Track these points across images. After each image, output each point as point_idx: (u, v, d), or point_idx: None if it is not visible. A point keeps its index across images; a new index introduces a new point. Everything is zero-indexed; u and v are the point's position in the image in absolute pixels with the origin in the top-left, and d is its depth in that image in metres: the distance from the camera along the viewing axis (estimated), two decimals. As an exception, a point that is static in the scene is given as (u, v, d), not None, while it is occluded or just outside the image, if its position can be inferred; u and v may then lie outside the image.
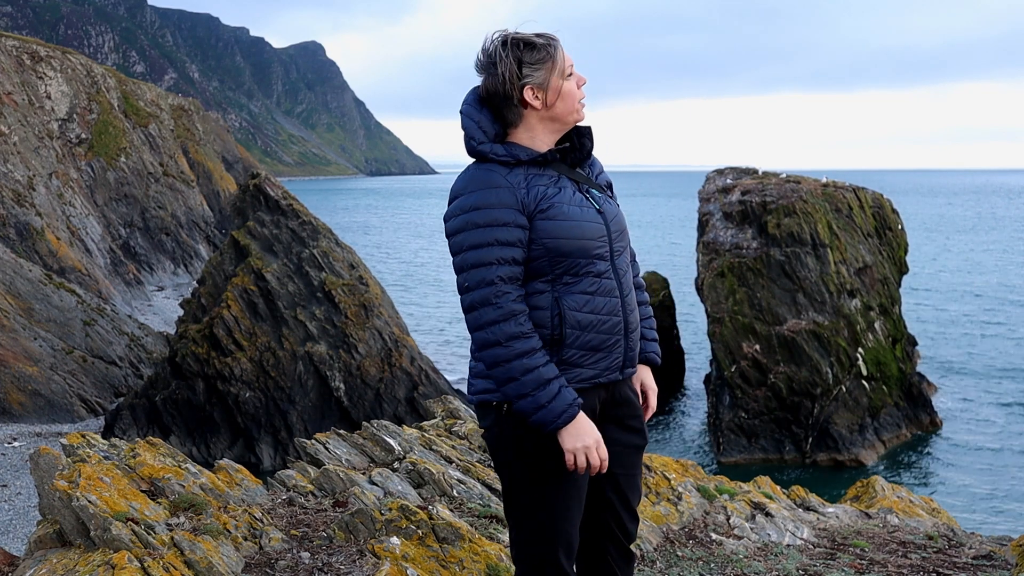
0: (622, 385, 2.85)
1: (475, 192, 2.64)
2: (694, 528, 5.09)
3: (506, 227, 2.61)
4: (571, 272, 2.67)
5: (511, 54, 2.66)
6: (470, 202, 2.63)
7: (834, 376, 29.15)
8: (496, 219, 2.61)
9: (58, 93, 49.72)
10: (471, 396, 2.80)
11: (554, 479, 2.70)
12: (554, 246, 2.64)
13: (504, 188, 2.63)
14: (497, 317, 2.59)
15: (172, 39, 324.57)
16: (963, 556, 4.96)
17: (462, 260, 2.63)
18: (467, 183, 2.68)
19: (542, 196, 2.66)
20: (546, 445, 2.67)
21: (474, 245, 2.61)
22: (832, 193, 32.14)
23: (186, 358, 28.40)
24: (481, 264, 2.60)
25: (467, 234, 2.62)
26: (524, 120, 2.72)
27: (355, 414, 27.78)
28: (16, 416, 28.22)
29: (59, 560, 3.67)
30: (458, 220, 2.65)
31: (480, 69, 2.71)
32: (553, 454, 2.67)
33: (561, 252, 2.64)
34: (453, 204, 2.69)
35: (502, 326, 2.59)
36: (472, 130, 2.72)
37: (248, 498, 4.48)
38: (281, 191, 31.43)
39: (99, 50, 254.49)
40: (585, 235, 2.67)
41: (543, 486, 2.71)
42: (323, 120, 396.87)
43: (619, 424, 2.85)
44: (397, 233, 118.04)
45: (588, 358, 2.70)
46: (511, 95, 2.68)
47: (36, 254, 38.73)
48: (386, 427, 5.37)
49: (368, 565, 3.73)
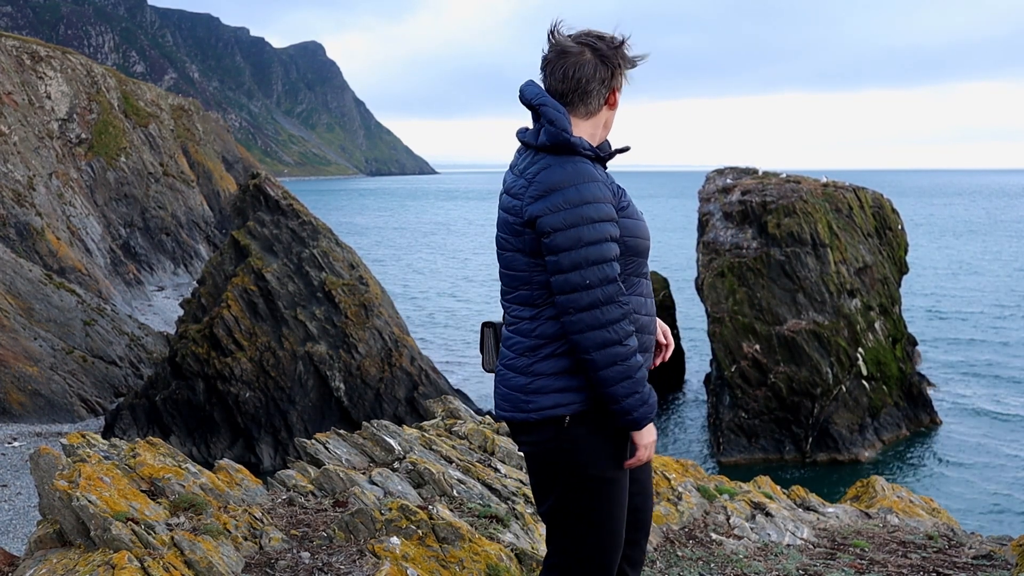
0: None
1: (582, 186, 2.58)
2: (694, 528, 5.09)
3: (613, 223, 2.60)
4: (635, 272, 2.72)
5: (621, 55, 2.70)
6: (581, 196, 2.57)
7: (834, 376, 29.14)
8: (607, 215, 2.59)
9: (58, 93, 49.72)
10: (530, 414, 2.70)
11: (615, 487, 2.72)
12: (633, 244, 2.67)
13: (602, 183, 2.63)
14: (620, 315, 2.57)
15: (172, 39, 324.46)
16: (963, 556, 4.96)
17: (579, 256, 2.55)
18: (569, 176, 2.60)
19: (621, 193, 2.70)
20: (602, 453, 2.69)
21: (592, 241, 2.55)
22: (832, 193, 32.14)
23: (186, 358, 28.40)
24: (603, 261, 2.56)
25: (583, 229, 2.55)
26: (597, 118, 2.74)
27: (355, 414, 27.77)
28: (16, 416, 28.22)
29: (59, 560, 3.66)
30: (569, 215, 2.56)
31: (562, 58, 2.69)
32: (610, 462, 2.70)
33: (635, 251, 2.68)
34: (555, 196, 2.59)
35: (623, 324, 2.57)
36: (562, 121, 2.65)
37: (248, 498, 4.48)
38: (281, 191, 31.43)
39: (99, 50, 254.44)
40: (646, 235, 2.75)
41: (606, 496, 2.70)
42: (323, 120, 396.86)
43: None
44: (397, 233, 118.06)
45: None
46: (602, 92, 2.70)
47: (36, 254, 38.73)
48: (386, 427, 5.36)
49: (368, 565, 3.73)
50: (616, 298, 2.57)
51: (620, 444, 2.71)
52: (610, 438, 2.69)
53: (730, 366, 29.36)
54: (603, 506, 2.70)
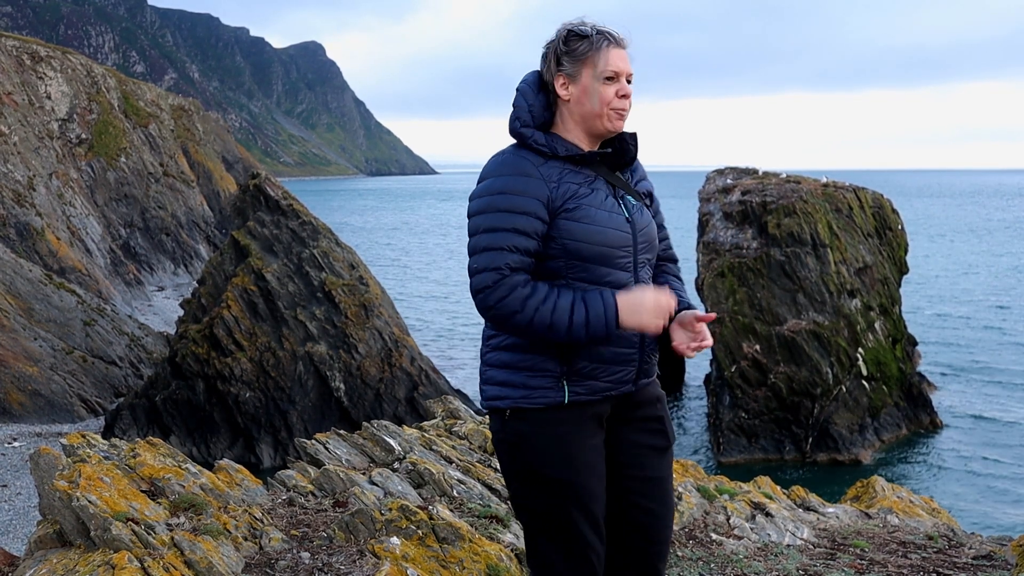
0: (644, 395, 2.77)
1: (504, 177, 2.56)
2: (694, 528, 5.09)
3: (526, 216, 2.52)
4: (588, 279, 2.57)
5: (559, 41, 2.62)
6: (497, 186, 2.56)
7: (834, 376, 29.15)
8: (518, 207, 2.52)
9: (58, 93, 49.73)
10: (483, 403, 2.71)
11: (569, 490, 2.61)
12: (574, 248, 2.55)
13: (534, 179, 2.55)
14: (503, 294, 2.51)
15: (172, 39, 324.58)
16: (963, 556, 4.96)
17: (476, 242, 2.55)
18: (499, 167, 2.60)
19: (572, 194, 2.56)
20: (550, 453, 2.60)
21: (490, 228, 2.53)
22: (832, 193, 32.14)
23: (186, 358, 28.40)
24: (492, 248, 2.52)
25: (486, 216, 2.54)
26: (559, 112, 2.66)
27: (355, 414, 27.77)
28: (16, 416, 28.22)
29: (59, 560, 3.66)
30: (481, 202, 2.57)
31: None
32: (561, 465, 2.60)
33: (580, 255, 2.55)
34: (480, 185, 2.61)
35: (508, 300, 2.51)
36: (521, 110, 2.64)
37: (248, 498, 4.48)
38: (281, 191, 31.44)
39: (99, 50, 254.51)
40: (608, 242, 2.57)
41: (559, 497, 2.62)
42: (323, 120, 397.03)
43: (635, 425, 2.76)
44: (397, 233, 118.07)
45: (601, 370, 2.61)
46: (549, 81, 2.64)
47: (36, 254, 38.74)
48: (386, 427, 5.36)
49: (368, 565, 3.73)
50: (494, 283, 2.51)
51: (574, 447, 2.60)
52: (559, 439, 2.59)
53: (730, 366, 29.36)
54: (555, 508, 2.62)
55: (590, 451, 2.64)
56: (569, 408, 2.60)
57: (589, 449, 2.64)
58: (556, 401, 2.59)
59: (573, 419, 2.61)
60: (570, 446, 2.61)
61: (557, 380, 2.59)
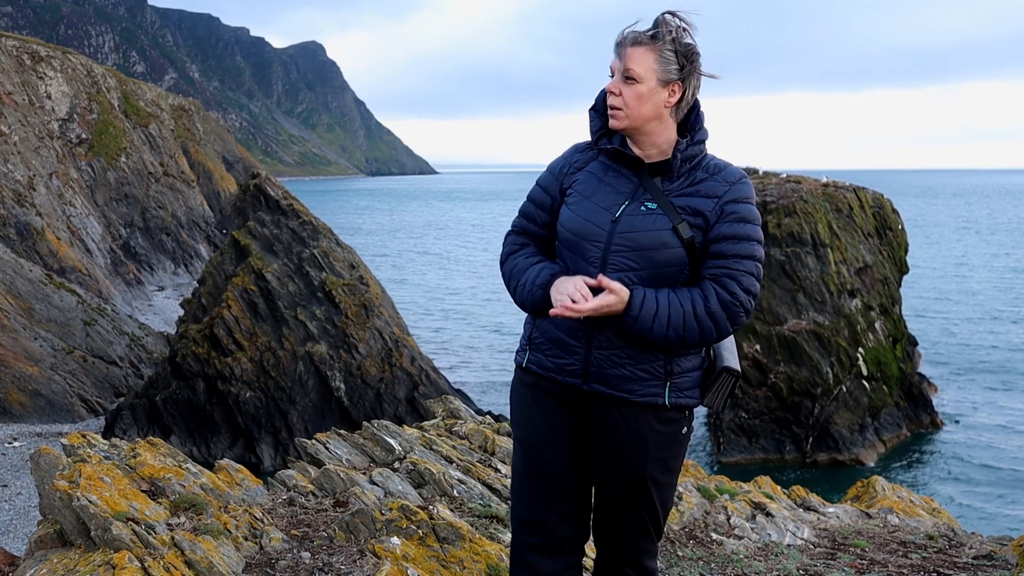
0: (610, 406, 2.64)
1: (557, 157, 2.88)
2: (695, 528, 5.09)
3: (539, 188, 2.81)
4: (565, 265, 2.67)
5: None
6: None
7: (834, 376, 29.14)
8: (540, 180, 2.83)
9: (58, 93, 49.73)
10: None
11: (518, 448, 2.84)
12: (559, 231, 2.73)
13: (562, 159, 2.80)
14: (503, 248, 2.86)
15: (172, 39, 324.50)
16: (963, 556, 4.96)
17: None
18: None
19: (573, 181, 2.73)
20: (512, 405, 2.86)
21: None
22: (832, 193, 32.14)
23: (186, 358, 28.40)
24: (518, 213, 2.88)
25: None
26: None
27: (355, 414, 27.77)
28: (16, 416, 28.22)
29: (59, 560, 3.66)
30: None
31: None
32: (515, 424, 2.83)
33: (560, 239, 2.72)
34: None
35: (502, 254, 2.84)
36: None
37: (248, 498, 4.48)
38: (281, 191, 31.43)
39: (99, 50, 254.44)
40: (578, 231, 2.61)
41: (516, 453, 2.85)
42: (323, 120, 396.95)
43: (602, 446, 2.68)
44: (397, 233, 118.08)
45: (547, 348, 2.71)
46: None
47: (36, 254, 38.74)
48: (386, 427, 5.37)
49: (368, 565, 3.73)
50: (505, 240, 2.86)
51: (532, 410, 2.76)
52: (520, 398, 2.81)
53: (730, 366, 29.34)
54: (515, 463, 2.83)
55: (547, 426, 2.74)
56: (528, 372, 2.78)
57: (547, 423, 2.74)
58: (520, 363, 2.82)
59: (532, 384, 2.76)
60: (527, 408, 2.78)
61: (527, 343, 2.80)
